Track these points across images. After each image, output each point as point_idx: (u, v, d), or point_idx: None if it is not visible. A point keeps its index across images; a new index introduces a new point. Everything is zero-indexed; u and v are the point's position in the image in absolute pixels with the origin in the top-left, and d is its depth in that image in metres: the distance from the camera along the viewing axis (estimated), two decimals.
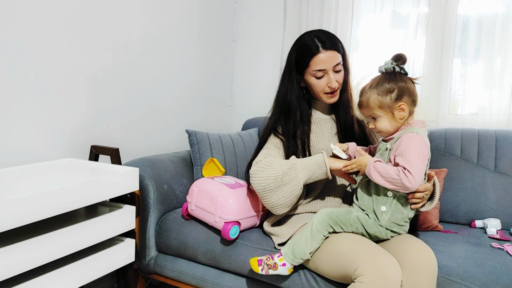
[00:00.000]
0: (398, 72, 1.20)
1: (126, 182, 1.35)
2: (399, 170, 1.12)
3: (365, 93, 1.22)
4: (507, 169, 1.60)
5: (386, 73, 1.21)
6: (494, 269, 1.18)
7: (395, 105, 1.18)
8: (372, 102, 1.19)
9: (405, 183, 1.11)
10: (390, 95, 1.17)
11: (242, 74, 2.56)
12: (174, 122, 2.14)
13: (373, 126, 1.23)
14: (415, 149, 1.13)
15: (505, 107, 1.83)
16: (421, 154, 1.14)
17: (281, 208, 1.31)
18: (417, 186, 1.13)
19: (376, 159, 1.19)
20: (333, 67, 1.35)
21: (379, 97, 1.18)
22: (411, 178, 1.10)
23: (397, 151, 1.16)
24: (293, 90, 1.41)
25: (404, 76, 1.20)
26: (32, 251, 1.07)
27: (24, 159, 1.45)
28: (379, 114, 1.20)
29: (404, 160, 1.13)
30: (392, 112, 1.19)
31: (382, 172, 1.14)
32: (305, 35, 1.39)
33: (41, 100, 1.48)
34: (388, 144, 1.21)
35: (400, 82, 1.18)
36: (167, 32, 2.02)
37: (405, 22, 2.05)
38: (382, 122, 1.21)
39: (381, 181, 1.15)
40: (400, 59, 1.20)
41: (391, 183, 1.14)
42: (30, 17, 1.42)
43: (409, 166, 1.11)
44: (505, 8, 1.80)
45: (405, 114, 1.19)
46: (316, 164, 1.29)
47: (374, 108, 1.20)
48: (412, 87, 1.20)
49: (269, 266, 1.23)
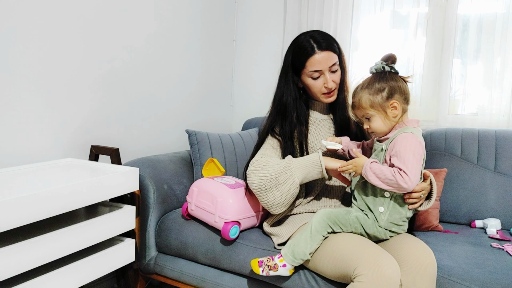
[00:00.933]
0: (388, 71, 1.21)
1: (126, 182, 1.35)
2: (394, 171, 1.12)
3: (356, 94, 1.22)
4: (507, 169, 1.60)
5: (376, 73, 1.22)
6: (494, 269, 1.18)
7: (387, 103, 1.18)
8: (364, 102, 1.20)
9: (401, 184, 1.11)
10: (381, 94, 1.18)
11: (242, 74, 2.55)
12: (174, 122, 2.14)
13: (368, 126, 1.23)
14: (410, 149, 1.13)
15: (505, 107, 1.83)
16: (416, 154, 1.14)
17: (278, 207, 1.31)
18: (413, 186, 1.13)
19: (372, 160, 1.19)
20: (329, 68, 1.35)
21: (370, 96, 1.19)
22: (407, 178, 1.10)
23: (392, 152, 1.16)
24: (289, 91, 1.41)
25: (395, 75, 1.21)
26: (32, 251, 1.07)
27: (24, 159, 1.45)
28: (372, 113, 1.20)
29: (400, 161, 1.13)
30: (385, 111, 1.19)
31: (378, 173, 1.14)
32: (301, 36, 1.39)
33: (41, 101, 1.49)
34: (383, 145, 1.21)
35: (391, 81, 1.18)
36: (167, 32, 2.02)
37: (405, 22, 2.05)
38: (376, 122, 1.21)
39: (377, 182, 1.15)
40: (390, 58, 1.21)
41: (387, 184, 1.14)
42: (33, 19, 1.42)
43: (405, 167, 1.11)
44: (505, 8, 1.80)
45: (398, 112, 1.19)
46: (312, 163, 1.29)
47: (366, 108, 1.20)
48: (403, 85, 1.20)
49: (270, 267, 1.23)
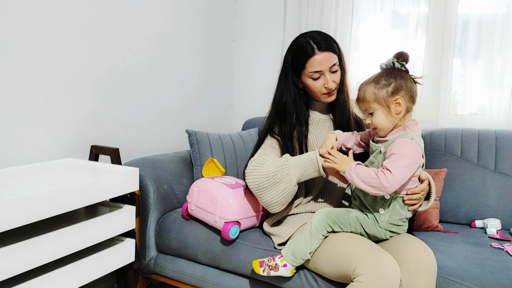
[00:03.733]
0: (398, 68, 1.20)
1: (126, 182, 1.35)
2: (378, 170, 1.12)
3: (363, 87, 1.22)
4: (507, 169, 1.60)
5: (386, 68, 1.21)
6: (494, 269, 1.18)
7: (391, 99, 1.17)
8: (368, 95, 1.19)
9: (383, 183, 1.10)
10: (386, 88, 1.17)
11: (242, 74, 2.55)
12: (174, 122, 2.14)
13: (370, 121, 1.22)
14: (406, 154, 1.12)
15: (505, 107, 1.83)
16: (411, 161, 1.12)
17: (277, 206, 1.31)
18: (394, 187, 1.11)
19: (357, 162, 1.19)
20: (329, 68, 1.35)
21: (375, 90, 1.18)
22: (390, 177, 1.09)
23: (388, 154, 1.16)
24: (289, 92, 1.41)
25: (404, 73, 1.19)
26: (32, 251, 1.07)
27: (24, 159, 1.45)
28: (375, 107, 1.19)
29: (390, 162, 1.12)
30: (388, 106, 1.18)
31: (362, 174, 1.14)
32: (300, 37, 1.39)
33: (41, 101, 1.49)
34: (382, 147, 1.20)
35: (399, 77, 1.17)
36: (167, 32, 2.02)
37: (405, 22, 2.05)
38: (378, 117, 1.19)
39: (360, 183, 1.14)
40: (401, 56, 1.20)
41: (368, 185, 1.12)
42: (33, 19, 1.42)
43: (392, 168, 1.10)
44: (505, 8, 1.80)
45: (401, 109, 1.18)
46: (308, 161, 1.29)
47: (370, 102, 1.19)
48: (411, 84, 1.19)
49: (270, 267, 1.23)
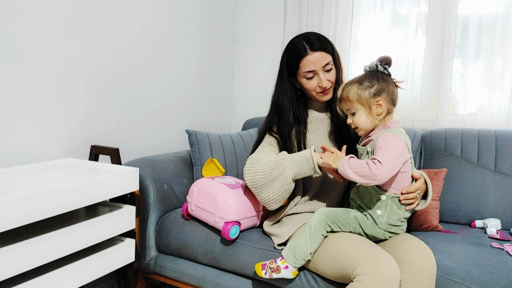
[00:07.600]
0: (381, 71, 1.23)
1: (126, 182, 1.35)
2: (369, 161, 1.14)
3: (346, 87, 1.26)
4: (507, 169, 1.60)
5: (369, 71, 1.25)
6: (494, 269, 1.18)
7: (373, 100, 1.21)
8: (351, 95, 1.23)
9: (373, 171, 1.11)
10: (369, 90, 1.21)
11: (242, 74, 2.55)
12: (174, 122, 2.14)
13: (351, 121, 1.26)
14: (390, 145, 1.15)
15: (505, 107, 1.83)
16: (394, 150, 1.15)
17: (274, 203, 1.33)
18: (385, 177, 1.12)
19: (351, 156, 1.22)
20: (323, 67, 1.36)
21: (358, 90, 1.22)
22: (379, 166, 1.11)
23: (374, 150, 1.19)
24: (285, 92, 1.44)
25: (386, 76, 1.24)
26: (32, 251, 1.07)
27: (24, 159, 1.45)
28: (357, 107, 1.23)
29: (377, 154, 1.15)
30: (370, 107, 1.22)
31: (354, 165, 1.16)
32: (295, 38, 1.42)
33: (41, 100, 1.49)
34: (368, 147, 1.23)
35: (381, 80, 1.22)
36: (167, 32, 2.02)
37: (405, 22, 2.05)
38: (360, 117, 1.23)
39: (352, 174, 1.15)
40: (385, 60, 1.24)
41: (360, 175, 1.14)
42: (29, 17, 1.42)
43: (380, 158, 1.13)
44: (505, 8, 1.80)
45: (382, 110, 1.21)
46: (303, 159, 1.30)
47: (352, 102, 1.23)
48: (392, 87, 1.23)
49: (272, 269, 1.23)
